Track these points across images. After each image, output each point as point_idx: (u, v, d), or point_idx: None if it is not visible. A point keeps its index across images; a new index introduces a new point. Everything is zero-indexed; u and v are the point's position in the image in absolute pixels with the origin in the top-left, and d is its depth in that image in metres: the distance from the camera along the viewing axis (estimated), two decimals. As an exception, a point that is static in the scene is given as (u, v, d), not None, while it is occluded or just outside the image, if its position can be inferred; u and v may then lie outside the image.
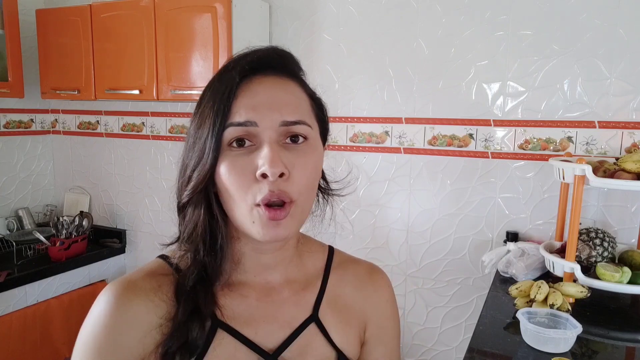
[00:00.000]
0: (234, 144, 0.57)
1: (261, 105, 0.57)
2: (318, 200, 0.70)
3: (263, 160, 0.55)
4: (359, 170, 1.98)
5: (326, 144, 0.68)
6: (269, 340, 0.63)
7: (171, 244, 0.65)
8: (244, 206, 0.57)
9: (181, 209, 0.62)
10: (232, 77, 0.58)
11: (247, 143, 0.57)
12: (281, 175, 0.55)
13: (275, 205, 0.56)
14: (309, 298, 0.68)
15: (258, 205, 0.56)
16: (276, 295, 0.66)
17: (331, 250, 0.76)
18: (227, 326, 0.61)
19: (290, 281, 0.67)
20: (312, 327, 0.65)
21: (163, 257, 0.66)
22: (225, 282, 0.63)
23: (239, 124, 0.56)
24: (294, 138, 0.58)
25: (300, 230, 0.67)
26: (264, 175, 0.55)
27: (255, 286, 0.65)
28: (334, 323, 0.67)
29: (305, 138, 0.59)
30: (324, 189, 0.71)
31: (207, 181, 0.58)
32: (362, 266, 0.75)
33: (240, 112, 0.57)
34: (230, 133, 0.56)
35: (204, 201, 0.60)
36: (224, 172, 0.57)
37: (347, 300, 0.71)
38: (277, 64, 0.61)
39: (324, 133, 0.66)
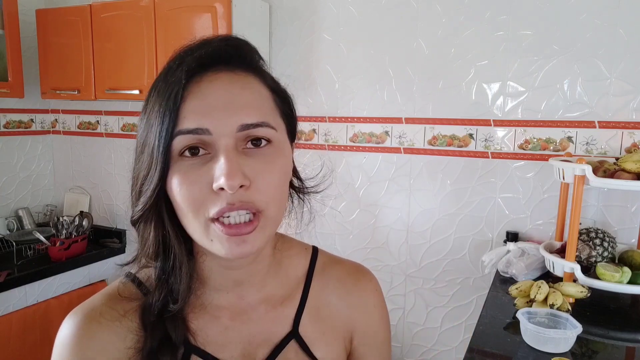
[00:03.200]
0: (186, 153, 0.50)
1: (214, 108, 0.50)
2: (292, 201, 0.64)
3: (219, 171, 0.48)
4: (332, 163, 1.96)
5: (295, 140, 0.61)
6: None
7: (129, 262, 0.59)
8: (197, 223, 0.51)
9: (134, 224, 0.56)
10: (177, 77, 0.50)
11: (201, 151, 0.50)
12: (242, 186, 0.49)
13: (237, 222, 0.50)
14: (289, 312, 0.62)
15: (213, 220, 0.50)
16: (252, 312, 0.60)
17: (315, 252, 0.69)
18: (202, 351, 0.57)
19: (267, 295, 0.62)
20: (293, 344, 0.61)
21: (128, 275, 0.60)
22: (196, 303, 0.58)
23: (189, 132, 0.49)
24: (256, 142, 0.52)
25: (278, 230, 0.61)
26: (221, 189, 0.49)
27: (228, 305, 0.60)
28: (316, 337, 0.62)
29: (268, 141, 0.52)
30: (299, 188, 0.64)
31: (157, 195, 0.52)
32: (346, 268, 0.69)
33: (189, 118, 0.50)
34: (180, 142, 0.50)
35: (155, 217, 0.54)
36: (175, 186, 0.50)
37: (331, 309, 0.65)
38: (230, 57, 0.53)
39: (291, 130, 0.59)
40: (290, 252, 0.66)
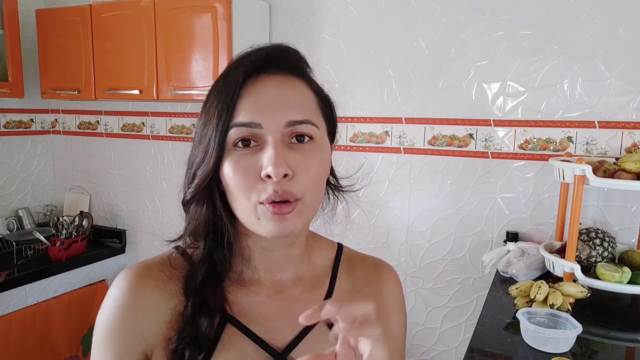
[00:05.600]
0: (239, 144, 0.57)
1: (265, 106, 0.57)
2: (329, 197, 0.70)
3: (267, 161, 0.55)
4: (369, 165, 1.97)
5: (334, 141, 0.68)
6: (279, 338, 0.62)
7: (176, 239, 0.66)
8: (247, 205, 0.57)
9: (185, 205, 0.63)
10: (236, 77, 0.58)
11: (252, 143, 0.57)
12: (285, 175, 0.55)
13: (280, 202, 0.56)
14: (319, 296, 0.67)
15: (261, 203, 0.56)
16: (287, 293, 0.65)
17: (340, 247, 0.75)
18: (237, 321, 0.61)
19: (301, 279, 0.67)
20: (322, 326, 0.64)
21: (179, 248, 0.66)
22: (236, 278, 0.64)
23: (243, 125, 0.56)
24: (300, 137, 0.58)
25: (310, 228, 0.68)
26: (268, 176, 0.55)
27: (266, 284, 0.65)
28: None
29: (311, 138, 0.59)
30: (334, 186, 0.71)
31: (210, 180, 0.59)
32: (370, 261, 0.75)
33: (244, 113, 0.57)
34: (234, 133, 0.57)
35: (207, 199, 0.60)
36: (228, 172, 0.57)
37: (356, 295, 0.70)
38: (282, 62, 0.61)
39: (332, 131, 0.66)
40: (319, 245, 0.73)
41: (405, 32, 1.83)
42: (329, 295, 0.68)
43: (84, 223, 2.32)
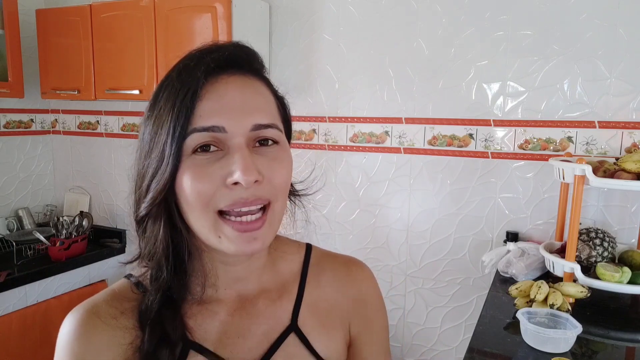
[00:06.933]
0: (198, 150, 0.52)
1: (230, 108, 0.52)
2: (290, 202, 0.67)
3: (235, 167, 0.51)
4: (322, 168, 1.97)
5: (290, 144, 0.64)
6: (247, 358, 0.59)
7: (132, 261, 0.60)
8: (206, 217, 0.52)
9: (140, 222, 0.57)
10: (195, 76, 0.52)
11: (213, 149, 0.52)
12: (255, 182, 0.51)
13: (247, 213, 0.52)
14: (287, 306, 0.63)
15: (222, 214, 0.52)
16: (250, 307, 0.61)
17: (308, 248, 0.71)
18: (200, 347, 0.57)
19: (264, 290, 0.63)
20: (292, 338, 0.61)
21: (129, 276, 0.61)
22: (193, 299, 0.59)
23: (205, 129, 0.51)
24: (263, 142, 0.55)
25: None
26: (235, 183, 0.51)
27: (226, 300, 0.61)
28: (315, 329, 0.63)
29: (275, 142, 0.55)
30: (291, 191, 0.66)
31: (166, 191, 0.53)
32: (339, 260, 0.71)
33: (205, 116, 0.52)
34: (194, 139, 0.51)
35: (164, 213, 0.55)
36: (186, 180, 0.52)
37: (328, 301, 0.66)
38: (243, 62, 0.57)
39: (288, 134, 0.62)
40: (284, 248, 0.68)
41: (405, 32, 1.83)
42: (297, 305, 0.64)
43: (84, 223, 2.32)
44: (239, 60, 0.56)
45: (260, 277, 0.63)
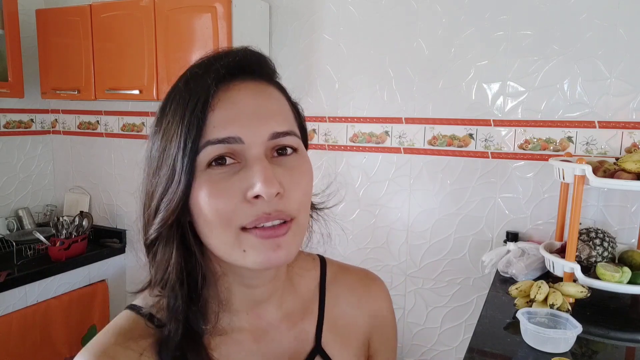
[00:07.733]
0: (213, 164, 0.48)
1: (245, 117, 0.48)
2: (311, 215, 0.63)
3: (255, 179, 0.47)
4: (344, 178, 1.96)
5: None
6: None
7: (142, 290, 0.55)
8: (228, 235, 0.48)
9: (150, 247, 0.53)
10: (205, 84, 0.48)
11: (229, 161, 0.48)
12: (277, 194, 0.48)
13: (271, 226, 0.48)
14: (309, 328, 0.61)
15: (245, 229, 0.48)
16: (274, 332, 0.58)
17: (322, 262, 0.68)
18: None
19: (287, 313, 0.60)
20: None
21: (133, 307, 0.55)
22: (214, 328, 0.54)
23: (220, 141, 0.47)
24: (281, 150, 0.51)
25: None
26: (256, 197, 0.47)
27: (249, 327, 0.57)
28: (338, 349, 0.62)
29: (294, 150, 0.52)
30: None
31: (179, 211, 0.49)
32: (356, 276, 0.69)
33: (219, 127, 0.48)
34: (208, 152, 0.47)
35: (176, 235, 0.51)
36: (204, 197, 0.47)
37: (347, 319, 0.65)
38: (256, 67, 0.53)
39: (304, 141, 0.58)
40: (300, 264, 0.65)
41: (405, 32, 1.84)
42: (319, 325, 0.62)
43: (84, 223, 2.32)
44: (250, 66, 0.52)
45: (280, 298, 0.60)
